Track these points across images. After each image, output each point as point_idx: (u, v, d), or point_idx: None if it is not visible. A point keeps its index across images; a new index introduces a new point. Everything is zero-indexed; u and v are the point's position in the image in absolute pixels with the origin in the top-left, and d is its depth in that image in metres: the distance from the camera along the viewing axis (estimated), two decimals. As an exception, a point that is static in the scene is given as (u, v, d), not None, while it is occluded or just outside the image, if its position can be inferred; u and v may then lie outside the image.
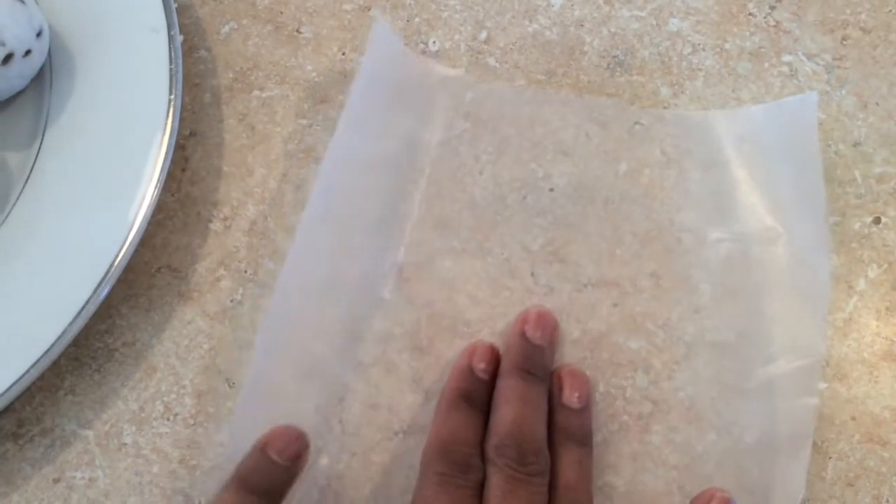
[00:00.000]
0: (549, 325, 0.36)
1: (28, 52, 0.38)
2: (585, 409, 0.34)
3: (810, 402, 0.35)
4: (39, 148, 0.39)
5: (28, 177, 0.38)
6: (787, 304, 0.36)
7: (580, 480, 0.33)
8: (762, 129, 0.39)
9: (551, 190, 0.40)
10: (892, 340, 0.37)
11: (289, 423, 0.35)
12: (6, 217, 0.37)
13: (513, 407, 0.33)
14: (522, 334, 0.35)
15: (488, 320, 0.37)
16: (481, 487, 0.32)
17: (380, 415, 0.36)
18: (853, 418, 0.36)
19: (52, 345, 0.35)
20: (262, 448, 0.32)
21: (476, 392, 0.34)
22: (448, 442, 0.33)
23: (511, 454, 0.32)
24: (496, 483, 0.31)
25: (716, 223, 0.38)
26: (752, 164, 0.39)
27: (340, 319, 0.37)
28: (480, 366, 0.35)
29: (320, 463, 0.35)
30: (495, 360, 0.35)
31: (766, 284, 0.37)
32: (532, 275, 0.38)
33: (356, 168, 0.39)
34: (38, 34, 0.38)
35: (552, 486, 0.32)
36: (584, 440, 0.34)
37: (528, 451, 0.32)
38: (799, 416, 0.35)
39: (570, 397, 0.34)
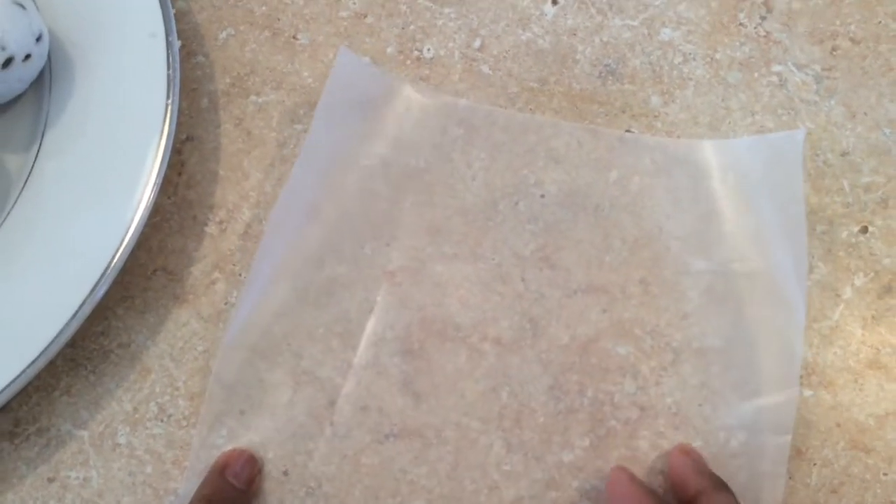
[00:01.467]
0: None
1: (28, 57, 0.38)
2: None
3: (787, 439, 0.35)
4: (38, 151, 0.39)
5: (27, 179, 0.39)
6: (767, 339, 0.37)
7: None
8: (747, 162, 0.40)
9: (542, 196, 0.40)
10: (878, 349, 0.37)
11: (280, 426, 0.36)
12: (5, 218, 0.38)
13: None
14: (699, 458, 0.35)
15: (479, 325, 0.38)
16: None
17: (370, 417, 0.36)
18: (838, 425, 0.36)
19: (49, 345, 0.35)
20: (220, 470, 0.34)
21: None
22: None
23: None
24: None
25: (696, 251, 0.39)
26: (735, 196, 0.39)
27: (332, 323, 0.38)
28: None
29: (311, 465, 0.36)
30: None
31: (746, 315, 0.37)
32: (523, 280, 0.39)
33: (326, 176, 0.39)
34: (38, 39, 0.38)
35: None
36: None
37: None
38: (777, 452, 0.35)
39: None
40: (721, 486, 0.33)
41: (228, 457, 0.35)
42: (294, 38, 0.44)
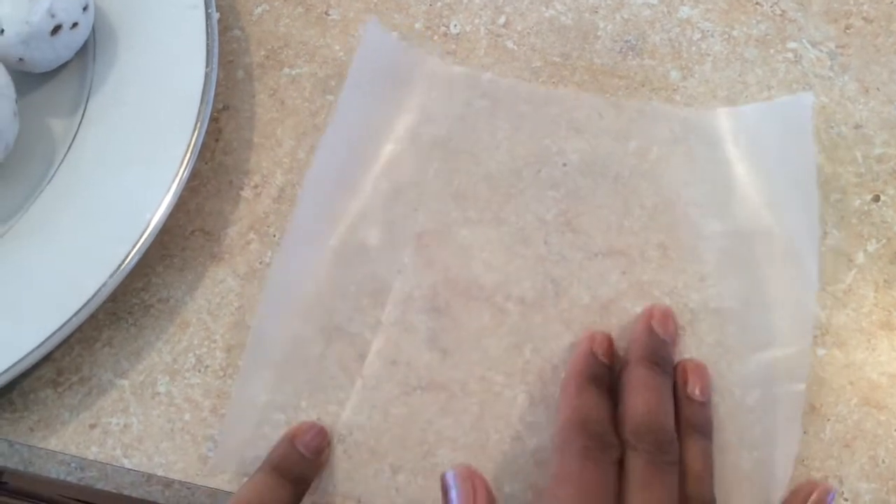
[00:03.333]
0: (672, 322, 0.38)
1: (75, 25, 0.40)
2: (707, 402, 0.36)
3: (801, 387, 0.36)
4: (83, 116, 0.41)
5: (71, 143, 0.40)
6: (780, 295, 0.38)
7: (705, 471, 0.34)
8: (759, 127, 0.41)
9: (564, 165, 0.42)
10: (889, 311, 0.39)
11: (311, 378, 0.37)
12: (51, 179, 0.40)
13: (646, 395, 0.34)
14: (649, 329, 0.37)
15: (503, 285, 0.39)
16: (619, 465, 0.33)
17: (399, 371, 0.38)
18: (851, 383, 0.38)
19: (92, 297, 0.37)
20: (290, 439, 0.36)
21: (602, 375, 0.36)
22: (585, 419, 0.34)
23: (649, 440, 0.33)
24: (636, 466, 0.32)
25: (713, 215, 0.40)
26: (748, 160, 0.41)
27: (362, 281, 0.39)
28: (600, 352, 0.36)
29: (342, 415, 0.37)
30: (612, 347, 0.37)
31: (761, 276, 0.39)
32: (545, 243, 0.40)
33: (356, 145, 0.41)
34: (85, 8, 0.40)
35: (679, 475, 0.33)
36: (707, 432, 0.35)
37: (664, 439, 0.33)
38: (792, 399, 0.36)
39: (693, 389, 0.36)
40: (646, 360, 0.35)
41: (299, 427, 0.36)
42: (326, 13, 0.45)
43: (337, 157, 0.41)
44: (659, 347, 0.36)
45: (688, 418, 0.35)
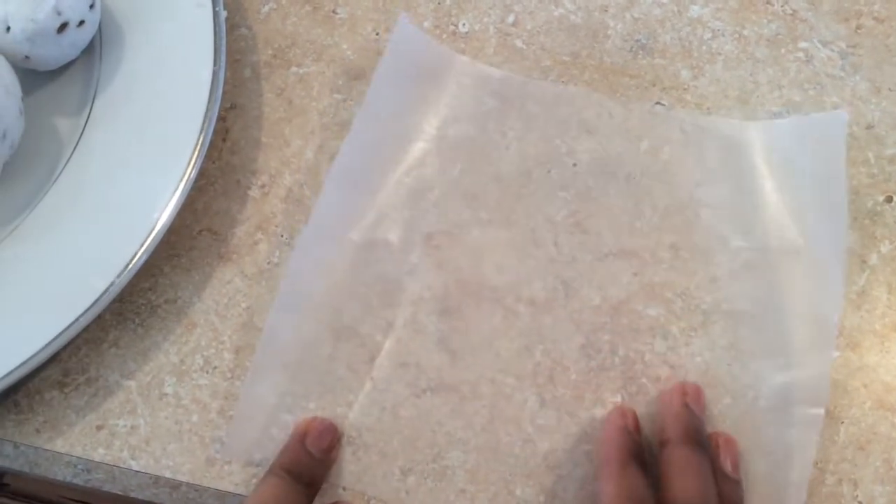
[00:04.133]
0: (703, 399, 0.37)
1: (81, 23, 0.40)
2: (739, 480, 0.35)
3: (820, 411, 0.36)
4: (89, 115, 0.41)
5: (78, 142, 0.40)
6: (803, 314, 0.38)
7: None
8: (791, 142, 0.41)
9: (575, 165, 0.41)
10: (903, 313, 0.38)
11: (320, 379, 0.37)
12: (57, 178, 0.39)
13: (693, 478, 0.33)
14: (687, 407, 0.36)
15: (514, 286, 0.39)
16: None
17: (409, 373, 0.38)
18: (865, 386, 0.37)
19: (99, 298, 0.36)
20: (300, 440, 0.35)
21: (639, 453, 0.35)
22: (633, 497, 0.33)
23: None
24: None
25: (738, 231, 0.40)
26: (779, 176, 0.40)
27: (372, 282, 0.39)
28: (632, 427, 0.36)
29: (351, 416, 0.37)
30: (639, 423, 0.36)
31: (786, 291, 0.38)
32: (555, 244, 0.40)
33: (376, 145, 0.41)
34: (91, 6, 0.40)
35: None
36: None
37: None
38: (810, 422, 0.36)
39: (726, 464, 0.35)
40: (689, 440, 0.34)
41: (308, 424, 0.36)
42: (334, 12, 0.45)
43: (357, 157, 0.40)
44: (698, 426, 0.35)
45: (722, 493, 0.34)
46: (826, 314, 0.37)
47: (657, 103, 0.42)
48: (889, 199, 0.40)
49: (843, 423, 0.37)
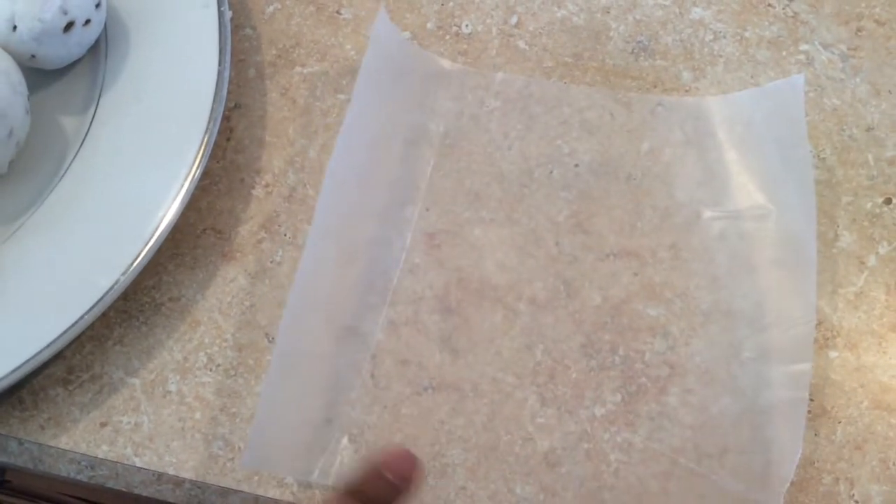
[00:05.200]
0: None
1: (87, 22, 0.40)
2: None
3: (805, 368, 0.36)
4: (94, 114, 0.41)
5: (83, 140, 0.40)
6: (779, 276, 0.38)
7: None
8: (752, 112, 0.41)
9: (576, 166, 0.42)
10: (901, 314, 0.39)
11: (323, 377, 0.37)
12: (62, 176, 0.40)
13: None
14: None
15: (515, 285, 0.39)
16: None
17: (410, 371, 0.38)
18: (862, 386, 0.38)
19: (103, 295, 0.37)
20: (377, 467, 0.31)
21: None
22: None
23: None
24: None
25: (709, 202, 0.40)
26: (743, 145, 0.41)
27: (374, 281, 0.39)
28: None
29: (353, 413, 0.37)
30: None
31: (758, 258, 0.39)
32: (556, 244, 0.40)
33: (371, 144, 0.41)
34: (98, 6, 0.40)
35: None
36: None
37: None
38: (795, 380, 0.36)
39: None
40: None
41: (387, 452, 0.31)
42: (337, 12, 0.45)
43: (351, 156, 0.40)
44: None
45: None
46: (803, 274, 0.37)
47: (658, 104, 0.43)
48: (888, 201, 0.41)
49: (840, 422, 0.37)
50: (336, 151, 0.39)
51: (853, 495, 0.36)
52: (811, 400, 0.37)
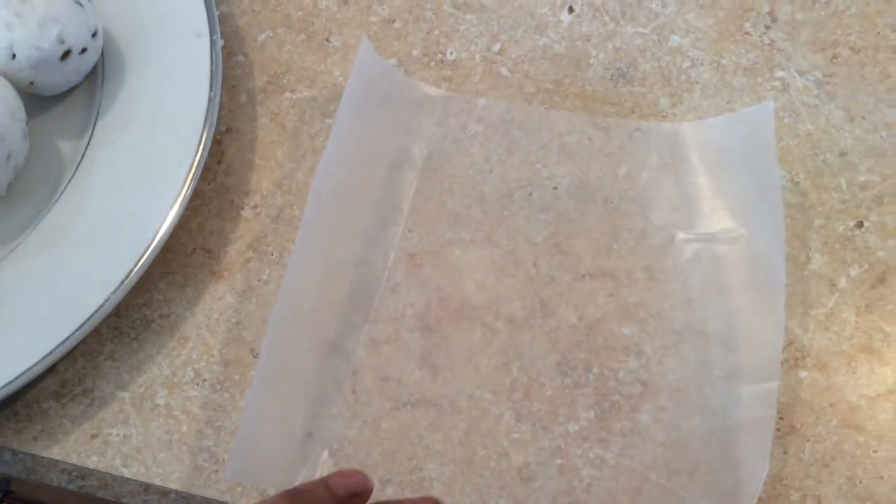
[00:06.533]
0: None
1: (84, 50, 0.42)
2: None
3: (772, 386, 0.37)
4: (90, 138, 0.43)
5: (79, 163, 0.42)
6: (750, 298, 0.39)
7: None
8: (724, 137, 0.42)
9: (555, 188, 0.43)
10: (870, 335, 0.40)
11: (306, 392, 0.38)
12: (58, 198, 0.41)
13: None
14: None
15: (493, 304, 0.40)
16: None
17: (390, 387, 0.39)
18: (831, 405, 0.38)
19: (95, 311, 0.38)
20: (324, 479, 0.32)
21: None
22: None
23: None
24: None
25: (683, 225, 0.41)
26: (715, 170, 0.42)
27: (356, 299, 0.40)
28: None
29: (333, 428, 0.38)
30: None
31: (730, 280, 0.40)
32: (535, 265, 0.41)
33: (354, 167, 0.42)
34: (94, 35, 0.42)
35: None
36: None
37: None
38: (763, 399, 0.37)
39: None
40: None
41: (340, 472, 0.33)
42: (327, 40, 0.47)
43: (334, 177, 0.42)
44: None
45: None
46: (772, 296, 0.38)
47: (636, 129, 0.44)
48: (860, 225, 0.42)
49: (808, 440, 0.38)
50: (318, 173, 0.41)
51: (821, 512, 0.37)
52: (780, 418, 0.38)
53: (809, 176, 0.43)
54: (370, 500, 0.32)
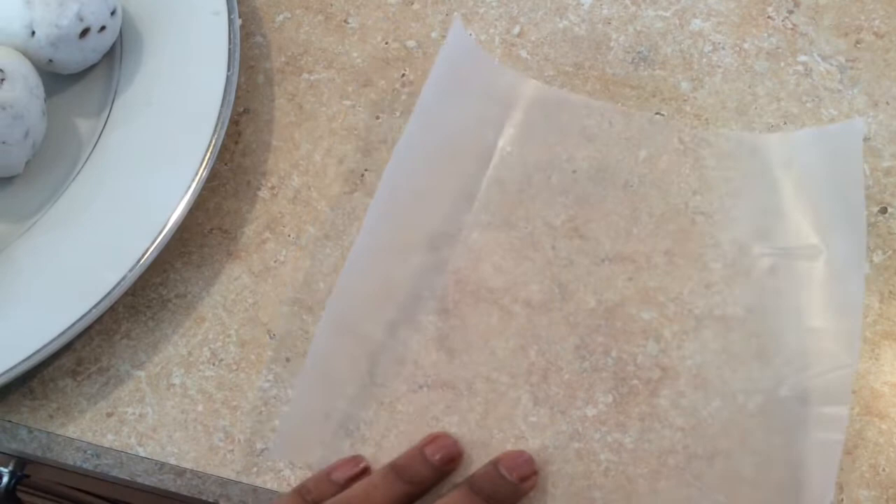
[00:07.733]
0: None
1: (103, 29, 0.42)
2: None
3: (842, 411, 0.36)
4: (108, 116, 0.43)
5: (97, 142, 0.42)
6: (824, 316, 0.38)
7: None
8: (810, 153, 0.41)
9: (574, 172, 0.42)
10: (894, 322, 0.39)
11: (325, 374, 0.38)
12: (76, 176, 0.41)
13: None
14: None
15: (511, 287, 0.40)
16: None
17: (406, 369, 0.39)
18: (854, 392, 0.38)
19: (112, 289, 0.38)
20: (420, 447, 0.37)
21: None
22: None
23: None
24: None
25: (760, 238, 0.40)
26: (799, 185, 0.41)
27: (373, 282, 0.40)
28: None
29: (349, 410, 0.38)
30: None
31: (804, 297, 0.39)
32: (553, 248, 0.41)
33: (424, 155, 0.42)
34: (113, 13, 0.42)
35: None
36: None
37: None
38: (831, 423, 0.36)
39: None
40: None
41: (433, 436, 0.37)
42: (345, 21, 0.47)
43: (408, 161, 0.41)
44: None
45: None
46: (849, 317, 0.38)
47: (657, 113, 0.43)
48: (883, 211, 0.41)
49: (830, 427, 0.37)
50: (395, 154, 0.41)
51: (842, 500, 0.36)
52: (801, 404, 0.38)
53: (832, 161, 0.42)
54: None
